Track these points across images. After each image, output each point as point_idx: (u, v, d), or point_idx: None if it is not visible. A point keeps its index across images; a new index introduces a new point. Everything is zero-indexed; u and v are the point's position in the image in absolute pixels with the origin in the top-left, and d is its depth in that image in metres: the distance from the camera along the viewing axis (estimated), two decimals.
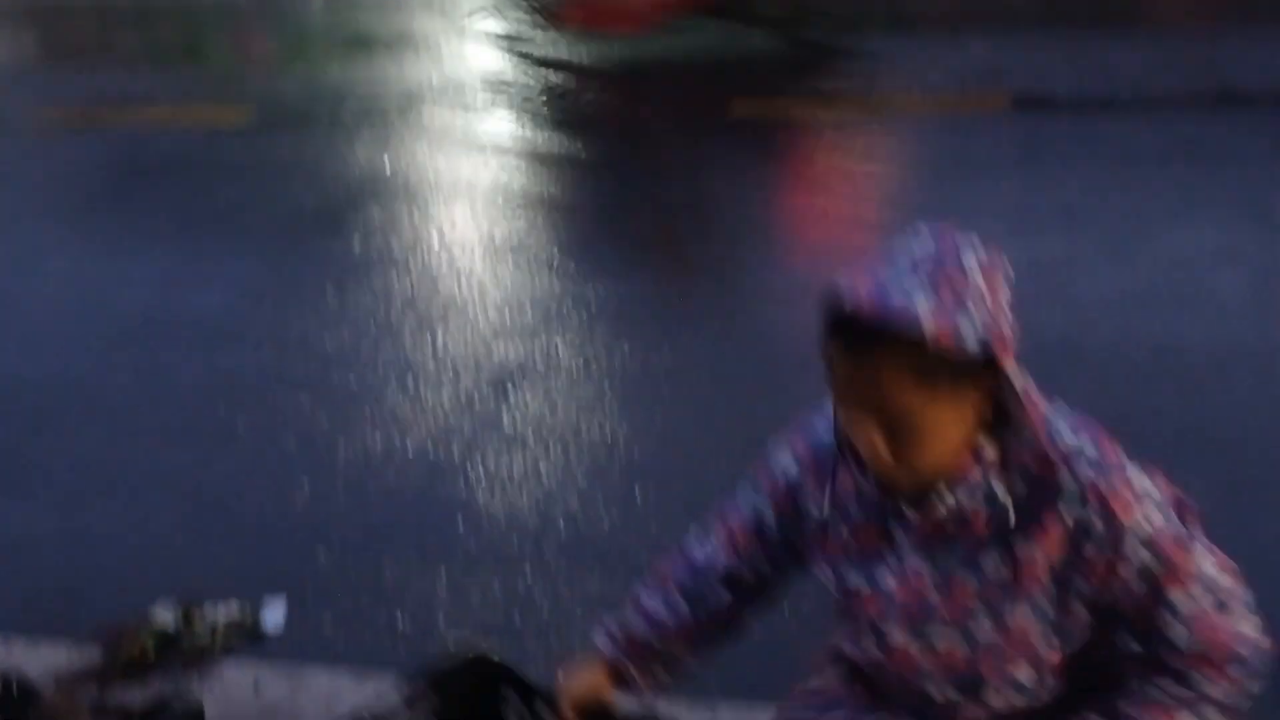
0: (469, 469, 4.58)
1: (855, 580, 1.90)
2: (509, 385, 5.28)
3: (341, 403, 5.23)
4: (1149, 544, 1.74)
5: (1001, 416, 1.74)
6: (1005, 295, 1.71)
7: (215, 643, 3.51)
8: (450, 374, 5.44)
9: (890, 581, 1.86)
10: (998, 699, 1.88)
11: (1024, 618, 1.79)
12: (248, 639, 3.58)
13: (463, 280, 6.69)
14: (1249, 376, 4.97)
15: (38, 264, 7.63)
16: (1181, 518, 1.83)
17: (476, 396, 5.19)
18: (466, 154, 9.11)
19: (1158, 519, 1.75)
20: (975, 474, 1.75)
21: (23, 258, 7.80)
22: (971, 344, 1.64)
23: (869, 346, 1.66)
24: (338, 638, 3.60)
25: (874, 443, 1.73)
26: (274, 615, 3.69)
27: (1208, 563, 1.80)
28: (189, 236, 7.84)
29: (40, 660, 3.41)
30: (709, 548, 2.13)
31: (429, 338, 5.88)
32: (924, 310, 1.63)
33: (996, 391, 1.72)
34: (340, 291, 6.61)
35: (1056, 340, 5.40)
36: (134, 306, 6.69)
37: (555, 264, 6.84)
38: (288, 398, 5.31)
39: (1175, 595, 1.77)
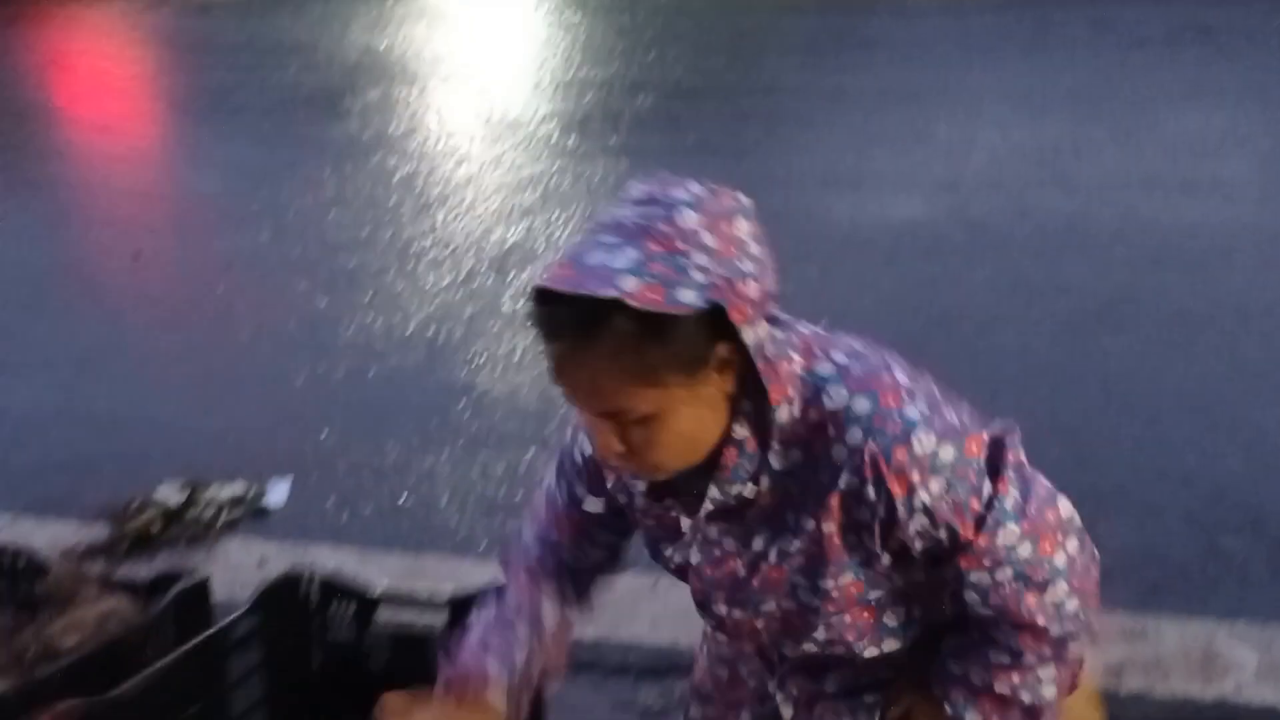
0: (470, 350, 4.58)
1: (670, 555, 1.73)
2: (509, 266, 5.25)
3: (341, 285, 5.20)
4: (928, 514, 1.54)
5: (759, 386, 1.51)
6: (744, 245, 1.45)
7: (219, 518, 3.53)
8: (450, 255, 5.41)
9: (700, 558, 1.69)
10: (863, 649, 1.72)
11: (840, 577, 1.61)
12: (251, 515, 3.60)
13: (461, 161, 6.63)
14: (1253, 260, 4.94)
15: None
16: (997, 459, 1.59)
17: (477, 278, 5.17)
18: (462, 33, 8.98)
19: (936, 487, 1.52)
20: (740, 461, 1.54)
21: (26, 140, 7.72)
22: (689, 299, 1.39)
23: (574, 332, 1.43)
24: (341, 516, 3.62)
25: (607, 445, 1.51)
26: (278, 494, 3.71)
27: (1006, 530, 1.56)
28: (183, 117, 7.75)
29: (47, 536, 3.43)
30: (556, 541, 1.82)
31: (428, 219, 5.84)
32: (621, 272, 1.38)
33: (746, 358, 1.48)
34: (338, 174, 6.55)
35: (1061, 224, 5.36)
36: (131, 188, 6.63)
37: (554, 142, 6.77)
38: (287, 280, 5.28)
39: (963, 568, 1.58)
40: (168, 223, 6.06)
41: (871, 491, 1.52)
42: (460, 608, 2.41)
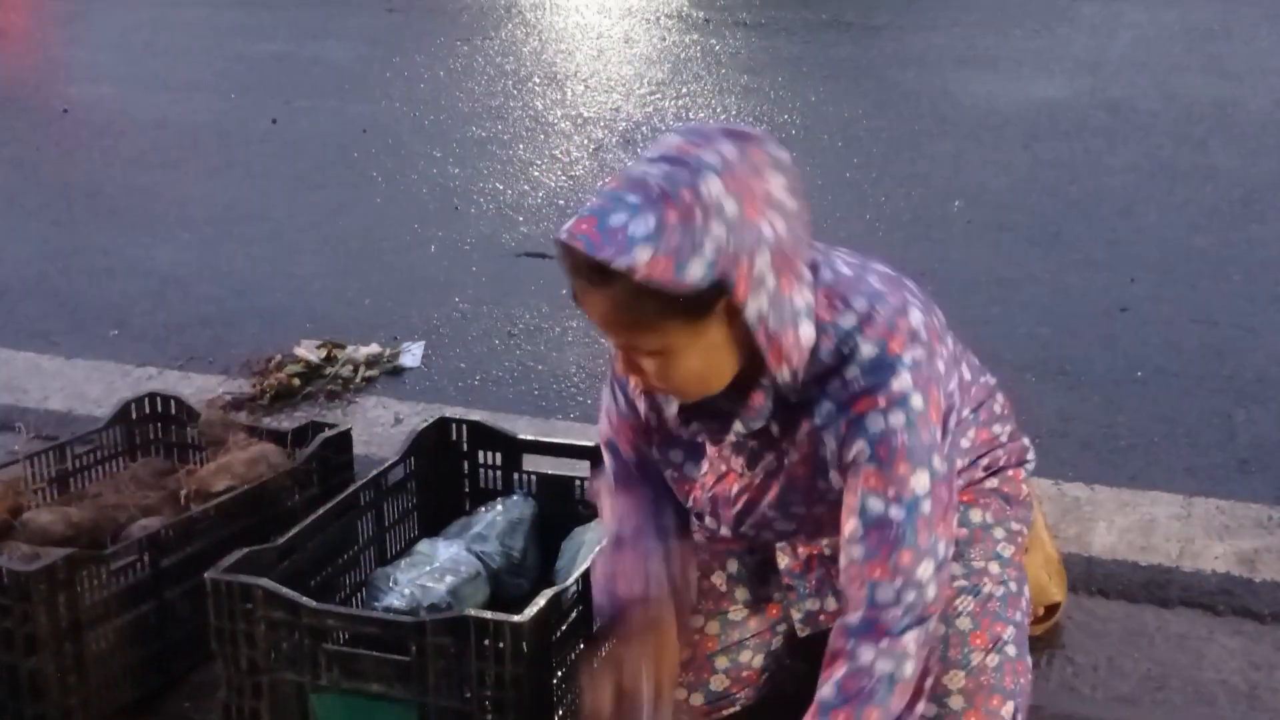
0: None
1: (678, 463, 1.87)
2: (638, 138, 5.23)
3: (473, 154, 5.24)
4: (880, 438, 1.62)
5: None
6: (776, 203, 1.55)
7: (356, 377, 3.62)
8: (580, 128, 5.40)
9: (708, 468, 1.84)
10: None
11: (813, 503, 1.76)
12: (387, 375, 3.68)
13: (591, 34, 6.58)
14: None
15: (175, 14, 7.66)
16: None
17: (607, 150, 5.16)
18: None
19: (895, 420, 1.62)
20: (764, 403, 1.68)
21: (161, 7, 7.84)
22: (697, 276, 1.49)
23: (592, 281, 1.53)
24: (473, 379, 3.69)
25: (627, 369, 1.66)
26: (412, 356, 3.78)
27: (923, 480, 1.63)
28: None
29: (192, 388, 3.55)
30: (624, 451, 1.95)
31: (558, 92, 5.82)
32: (637, 241, 1.48)
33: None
34: (469, 45, 6.56)
35: (1209, 108, 5.18)
36: (267, 55, 6.71)
37: (685, 16, 6.68)
38: (420, 148, 5.33)
39: (869, 497, 1.64)
40: (303, 89, 6.13)
41: (843, 420, 1.63)
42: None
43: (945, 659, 1.86)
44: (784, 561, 1.96)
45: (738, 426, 1.70)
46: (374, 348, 3.77)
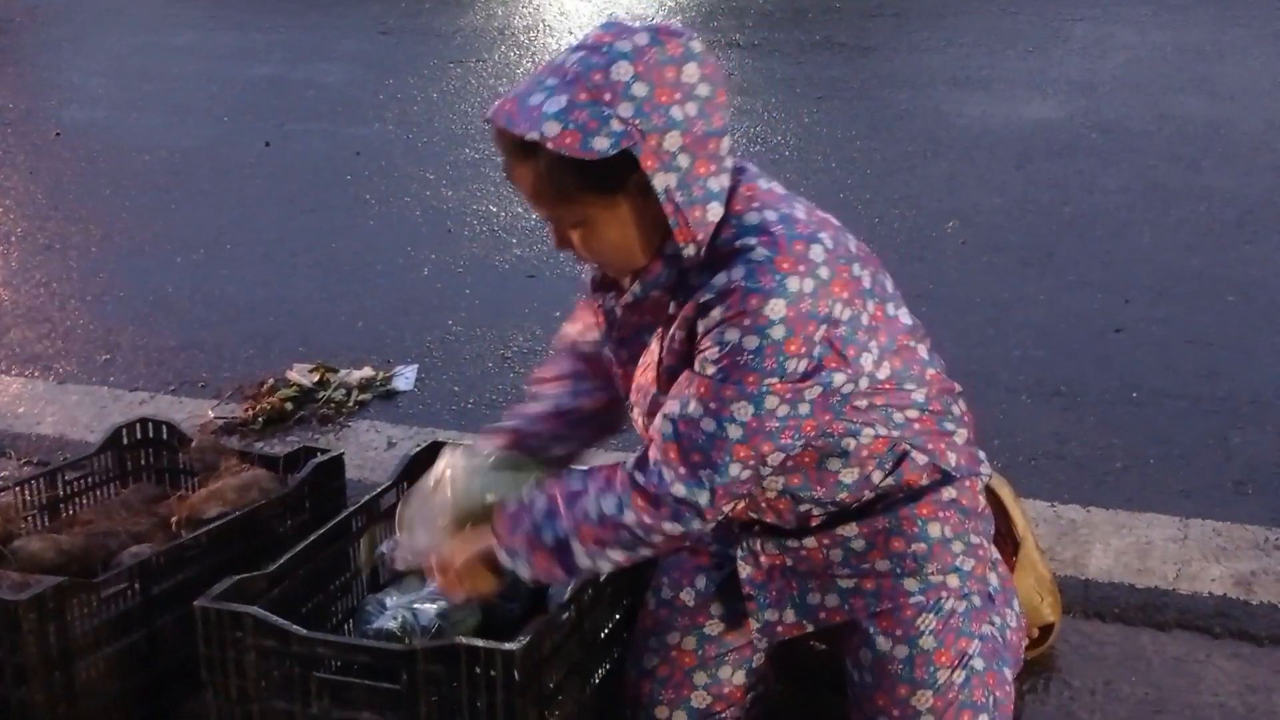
0: None
1: (624, 361, 1.95)
2: None
3: (466, 176, 5.24)
4: (727, 351, 1.67)
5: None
6: (689, 89, 1.66)
7: (349, 400, 3.61)
8: None
9: (632, 367, 1.91)
10: None
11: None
12: (380, 399, 3.67)
13: None
14: None
15: (168, 38, 7.67)
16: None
17: None
18: None
19: (749, 342, 1.66)
20: (662, 271, 1.77)
21: (154, 32, 7.85)
22: (602, 147, 1.62)
23: (516, 156, 1.69)
24: (466, 402, 3.68)
25: (564, 246, 1.78)
26: (405, 379, 3.78)
27: (746, 409, 1.69)
28: (311, 10, 7.79)
29: (184, 412, 3.54)
30: (571, 332, 2.13)
31: None
32: (549, 117, 1.62)
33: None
34: (462, 66, 6.56)
35: (1202, 128, 5.19)
36: (260, 78, 6.71)
37: None
38: (414, 171, 5.33)
39: (692, 398, 1.71)
40: (296, 113, 6.13)
41: (720, 311, 1.68)
42: None
43: (912, 679, 1.86)
44: (745, 571, 1.97)
45: (635, 288, 1.80)
46: (367, 371, 3.76)
